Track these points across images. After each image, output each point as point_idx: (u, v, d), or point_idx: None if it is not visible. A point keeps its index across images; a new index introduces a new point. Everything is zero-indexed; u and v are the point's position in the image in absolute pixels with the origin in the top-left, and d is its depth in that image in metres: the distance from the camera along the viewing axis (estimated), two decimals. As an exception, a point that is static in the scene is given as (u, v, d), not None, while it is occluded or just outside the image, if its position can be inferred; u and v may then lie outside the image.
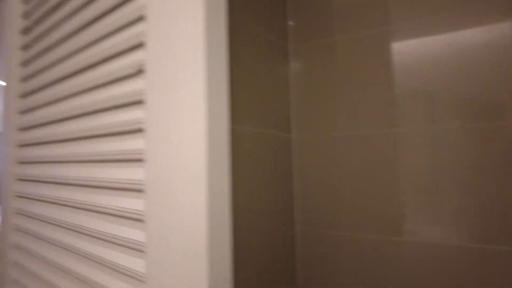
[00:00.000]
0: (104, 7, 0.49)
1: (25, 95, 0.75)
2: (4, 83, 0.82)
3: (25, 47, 0.77)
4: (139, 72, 0.42)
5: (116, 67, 0.45)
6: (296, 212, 0.95)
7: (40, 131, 0.69)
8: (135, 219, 0.41)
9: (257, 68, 0.83)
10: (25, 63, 0.76)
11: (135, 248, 0.40)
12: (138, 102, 0.42)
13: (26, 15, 0.76)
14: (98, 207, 0.47)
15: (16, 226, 0.73)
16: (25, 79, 0.75)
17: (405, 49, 0.82)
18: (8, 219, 0.75)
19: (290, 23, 1.00)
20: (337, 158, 0.88)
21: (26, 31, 0.77)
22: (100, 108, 0.48)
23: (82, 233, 0.52)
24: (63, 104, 0.62)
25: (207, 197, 0.33)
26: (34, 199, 0.69)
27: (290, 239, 0.92)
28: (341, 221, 0.87)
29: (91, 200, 0.48)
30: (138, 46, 0.42)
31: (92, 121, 0.50)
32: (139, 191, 0.41)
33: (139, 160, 0.41)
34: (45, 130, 0.66)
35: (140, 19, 0.42)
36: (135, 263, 0.40)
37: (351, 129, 0.87)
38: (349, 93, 0.88)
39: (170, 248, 0.36)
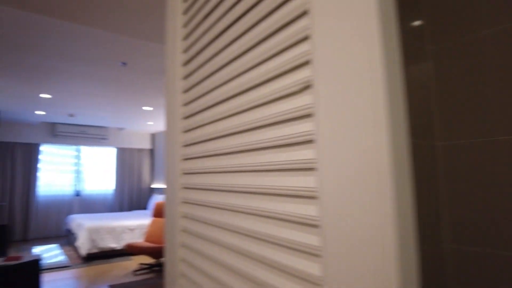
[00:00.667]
0: (265, 31, 0.55)
1: (187, 116, 0.88)
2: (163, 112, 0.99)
3: (186, 76, 0.91)
4: (305, 88, 0.45)
5: (282, 85, 0.49)
6: (444, 227, 0.86)
7: (201, 147, 0.80)
8: (309, 224, 0.43)
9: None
10: (187, 90, 0.90)
11: (309, 252, 0.43)
12: (306, 116, 0.45)
13: (186, 49, 0.90)
14: (267, 212, 0.51)
15: (182, 227, 0.86)
16: (187, 104, 0.89)
17: None
18: (176, 221, 0.88)
19: (424, 22, 0.93)
20: (497, 163, 0.78)
21: (186, 63, 0.91)
22: (268, 123, 0.53)
23: (248, 235, 0.57)
24: (223, 122, 0.71)
25: (393, 206, 0.33)
26: (198, 204, 0.80)
27: (436, 258, 0.84)
28: (504, 237, 0.75)
29: (261, 206, 0.53)
30: (304, 64, 0.46)
31: (260, 134, 0.56)
32: (312, 197, 0.43)
33: (311, 169, 0.44)
34: (208, 145, 0.77)
35: (305, 38, 0.46)
36: (309, 266, 0.43)
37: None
38: (503, 90, 0.77)
39: (349, 252, 0.37)
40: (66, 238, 7.13)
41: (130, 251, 4.53)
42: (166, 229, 0.96)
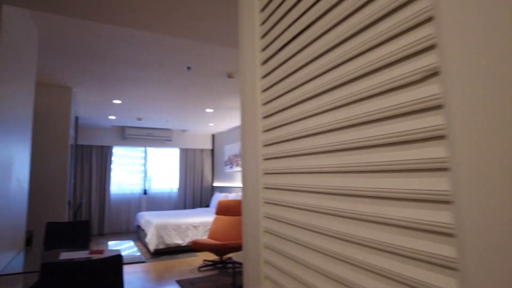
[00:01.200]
0: (371, 17, 0.50)
1: (268, 115, 0.86)
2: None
3: (266, 75, 0.89)
4: (430, 76, 0.40)
5: (397, 74, 0.44)
6: None
7: (285, 146, 0.78)
8: (441, 232, 0.38)
9: None
10: (266, 88, 0.88)
11: (442, 265, 0.37)
12: (432, 108, 0.39)
13: (265, 48, 0.88)
14: (383, 217, 0.46)
15: (266, 228, 0.84)
16: (267, 103, 0.87)
17: None
18: (258, 222, 0.87)
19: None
20: None
21: (265, 61, 0.89)
22: (373, 119, 0.49)
23: (355, 242, 0.53)
24: (311, 120, 0.67)
25: None
26: (284, 205, 0.77)
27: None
28: None
29: (369, 210, 0.49)
30: (427, 49, 0.40)
31: (361, 132, 0.51)
32: (444, 202, 0.38)
33: (442, 169, 0.38)
34: (293, 144, 0.74)
35: (428, 20, 0.40)
36: (442, 281, 0.37)
37: None
38: None
39: (500, 267, 0.31)
40: (136, 233, 7.66)
41: (195, 247, 4.72)
42: (245, 229, 0.95)
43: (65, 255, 2.13)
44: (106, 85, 4.28)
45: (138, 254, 2.28)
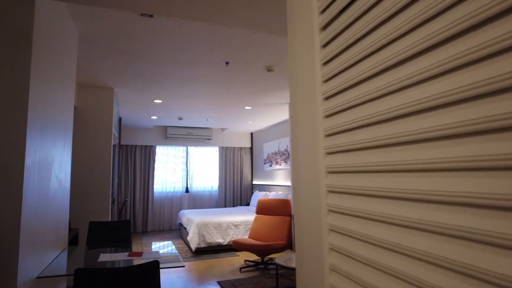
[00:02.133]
0: None
1: (330, 96, 0.66)
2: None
3: (326, 43, 0.68)
4: None
5: None
6: None
7: (357, 134, 0.57)
8: None
9: None
10: (328, 61, 0.67)
11: None
12: None
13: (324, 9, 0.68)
14: None
15: (331, 245, 0.63)
16: (329, 79, 0.66)
17: None
18: (320, 234, 0.67)
19: None
20: None
21: (325, 27, 0.68)
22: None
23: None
24: (396, 97, 0.46)
25: None
26: (354, 215, 0.56)
27: None
28: None
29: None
30: None
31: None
32: None
33: None
34: (376, 130, 0.53)
35: None
36: None
37: None
38: None
39: None
40: (178, 231, 7.75)
41: (236, 247, 4.60)
42: (301, 238, 0.75)
43: (104, 257, 2.07)
44: (147, 84, 4.27)
45: (177, 255, 2.16)
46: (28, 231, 1.62)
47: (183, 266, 1.90)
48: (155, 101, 5.17)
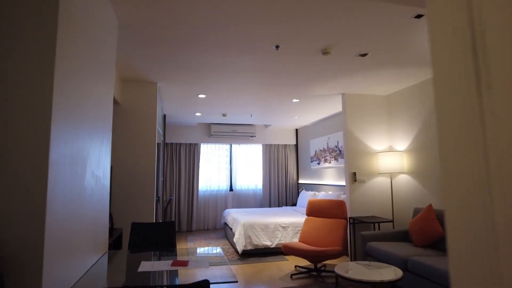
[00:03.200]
0: None
1: None
2: None
3: None
4: None
5: None
6: None
7: None
8: None
9: None
10: None
11: None
12: None
13: None
14: None
15: None
16: None
17: None
18: None
19: None
20: None
21: None
22: None
23: None
24: None
25: None
26: None
27: None
28: None
29: None
30: None
31: None
32: None
33: None
34: None
35: None
36: None
37: None
38: None
39: None
40: (223, 231, 7.54)
41: (286, 252, 4.22)
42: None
43: (145, 266, 1.80)
44: (190, 77, 4.04)
45: (228, 266, 1.84)
46: (57, 234, 1.37)
47: (236, 281, 1.57)
48: (199, 96, 4.95)
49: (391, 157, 4.51)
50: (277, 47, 3.08)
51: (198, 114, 6.42)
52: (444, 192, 0.58)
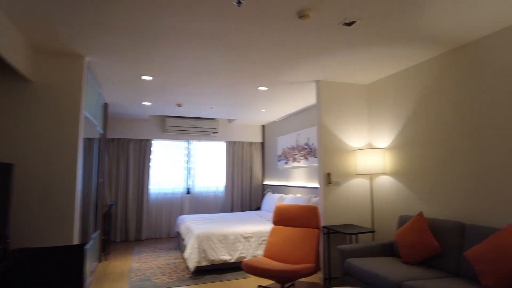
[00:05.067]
0: None
1: None
2: None
3: None
4: None
5: None
6: None
7: None
8: None
9: None
10: None
11: None
12: None
13: None
14: None
15: None
16: None
17: None
18: None
19: None
20: None
21: None
22: None
23: None
24: None
25: None
26: None
27: None
28: None
29: None
30: None
31: None
32: None
33: None
34: None
35: None
36: None
37: None
38: None
39: None
40: (177, 240, 6.58)
41: (248, 271, 3.41)
42: None
43: None
44: (129, 49, 3.10)
45: None
46: None
47: None
48: (143, 77, 4.01)
49: (371, 156, 3.85)
50: (238, 3, 2.26)
51: (146, 103, 5.43)
52: None
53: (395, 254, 3.37)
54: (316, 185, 5.36)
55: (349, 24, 2.60)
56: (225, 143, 7.57)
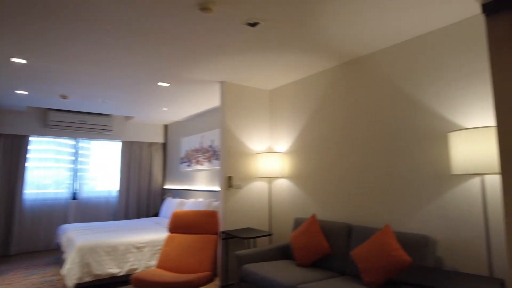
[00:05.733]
0: None
1: None
2: None
3: None
4: None
5: None
6: None
7: None
8: None
9: None
10: None
11: None
12: None
13: None
14: None
15: None
16: None
17: None
18: None
19: None
20: None
21: None
22: None
23: None
24: None
25: None
26: None
27: None
28: None
29: None
30: None
31: None
32: None
33: None
34: None
35: None
36: None
37: None
38: None
39: None
40: (57, 253, 5.70)
41: (137, 286, 3.07)
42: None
43: None
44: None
45: None
46: None
47: None
48: (14, 60, 3.33)
49: (271, 159, 3.90)
50: (130, -18, 1.98)
51: (21, 92, 4.57)
52: None
53: (290, 257, 3.44)
54: (219, 188, 5.24)
55: (253, 24, 2.54)
56: (121, 143, 6.90)
